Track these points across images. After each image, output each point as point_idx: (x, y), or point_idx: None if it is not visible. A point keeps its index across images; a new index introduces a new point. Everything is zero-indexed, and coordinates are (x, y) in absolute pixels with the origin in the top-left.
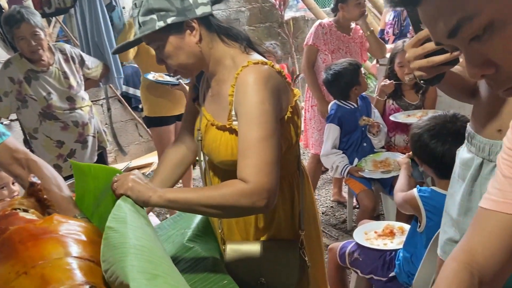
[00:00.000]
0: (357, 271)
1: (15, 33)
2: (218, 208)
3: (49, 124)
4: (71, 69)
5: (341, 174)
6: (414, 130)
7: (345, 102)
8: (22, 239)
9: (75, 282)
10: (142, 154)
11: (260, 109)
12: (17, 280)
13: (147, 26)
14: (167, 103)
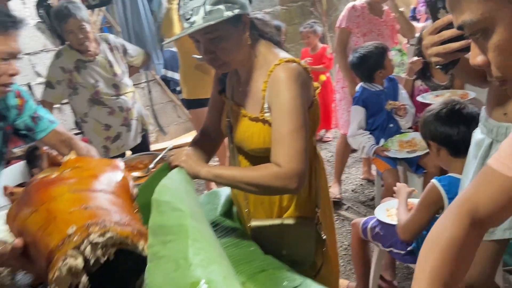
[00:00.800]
0: (378, 244)
1: (63, 27)
2: (255, 186)
3: (97, 109)
4: (115, 58)
5: (367, 154)
6: (425, 115)
7: (370, 85)
8: (36, 188)
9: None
10: (180, 134)
11: (293, 104)
12: (30, 218)
13: (214, 15)
14: (205, 85)
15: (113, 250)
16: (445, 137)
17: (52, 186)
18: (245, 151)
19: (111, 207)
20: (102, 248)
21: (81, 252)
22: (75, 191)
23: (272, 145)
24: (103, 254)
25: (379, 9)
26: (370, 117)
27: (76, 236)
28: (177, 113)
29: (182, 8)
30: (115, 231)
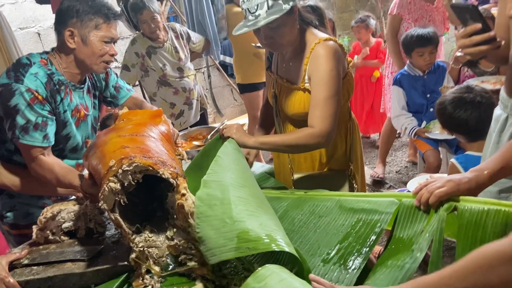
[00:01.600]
0: None
1: (138, 18)
2: (294, 147)
3: (164, 90)
4: (180, 44)
5: (409, 135)
6: (438, 105)
7: (412, 69)
8: (98, 136)
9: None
10: (236, 116)
11: (329, 75)
12: (92, 157)
13: (275, 9)
14: (256, 70)
15: (140, 176)
16: (461, 124)
17: (107, 134)
18: (288, 116)
19: (146, 146)
20: (132, 174)
21: (118, 178)
22: (120, 136)
23: (310, 108)
24: (133, 179)
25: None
26: (408, 100)
27: (114, 167)
28: (234, 96)
29: (247, 3)
30: (139, 161)
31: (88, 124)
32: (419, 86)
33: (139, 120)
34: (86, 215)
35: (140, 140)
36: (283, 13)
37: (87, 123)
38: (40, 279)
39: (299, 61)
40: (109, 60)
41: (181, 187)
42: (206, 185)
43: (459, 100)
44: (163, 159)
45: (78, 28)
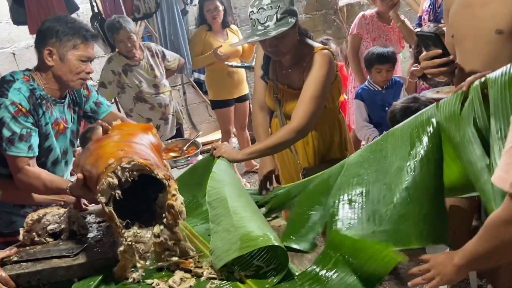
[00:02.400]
0: None
1: (115, 38)
2: (277, 146)
3: (140, 106)
4: (155, 62)
5: None
6: (389, 114)
7: (372, 84)
8: (92, 143)
9: (115, 150)
10: (211, 131)
11: (319, 79)
12: (87, 159)
13: (283, 22)
14: (228, 87)
15: (137, 174)
16: None
17: (101, 140)
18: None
19: (140, 152)
20: (129, 172)
21: (116, 174)
22: (116, 141)
23: (297, 103)
24: (130, 176)
25: (387, 17)
26: (369, 113)
27: (113, 164)
28: (209, 112)
29: (257, 14)
30: (137, 161)
31: (66, 137)
32: (378, 100)
33: (131, 131)
34: (70, 218)
35: (134, 146)
36: (290, 25)
37: (66, 136)
38: (29, 273)
39: (299, 68)
40: (85, 78)
41: (172, 188)
42: (212, 206)
43: (406, 109)
44: (157, 162)
45: (57, 47)
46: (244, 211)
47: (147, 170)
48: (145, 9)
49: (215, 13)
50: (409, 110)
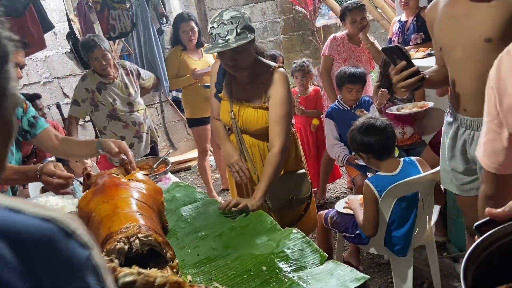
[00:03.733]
0: (336, 230)
1: (89, 56)
2: (276, 173)
3: (114, 123)
4: (130, 81)
5: (341, 162)
6: (350, 132)
7: (342, 104)
8: (110, 185)
9: (134, 211)
10: (190, 149)
11: (284, 97)
12: (103, 205)
13: (242, 36)
14: (204, 106)
15: (146, 249)
16: (368, 146)
17: (121, 187)
18: (249, 132)
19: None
20: (142, 245)
21: (129, 241)
22: (136, 199)
23: (270, 123)
24: (140, 249)
25: (357, 39)
26: (339, 131)
27: (130, 230)
28: (187, 131)
29: (217, 29)
30: (154, 237)
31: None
32: (348, 119)
33: (152, 192)
34: None
35: (152, 216)
36: (249, 40)
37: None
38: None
39: (258, 84)
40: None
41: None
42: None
43: (366, 126)
44: (166, 240)
45: None
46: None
47: (158, 247)
48: (121, 29)
49: (190, 34)
50: (369, 127)
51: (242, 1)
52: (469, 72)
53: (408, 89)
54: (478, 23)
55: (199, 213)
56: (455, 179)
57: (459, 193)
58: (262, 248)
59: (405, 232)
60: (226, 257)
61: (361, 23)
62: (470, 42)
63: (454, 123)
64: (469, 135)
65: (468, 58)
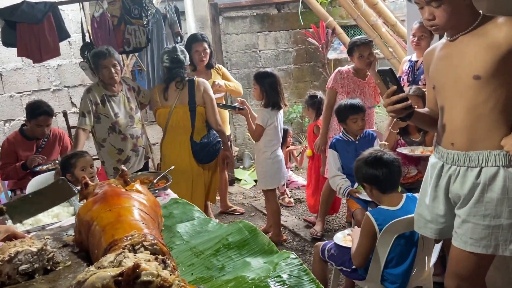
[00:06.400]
0: (332, 263)
1: (100, 63)
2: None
3: (114, 136)
4: (132, 96)
5: (342, 194)
6: (356, 162)
7: (346, 135)
8: (112, 194)
9: (137, 220)
10: None
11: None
12: (105, 213)
13: None
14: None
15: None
16: (373, 177)
17: (123, 196)
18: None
19: (154, 229)
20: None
21: (134, 249)
22: (138, 208)
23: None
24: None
25: (363, 73)
26: (342, 163)
27: (136, 237)
28: None
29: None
30: (160, 246)
31: None
32: (351, 150)
33: (153, 204)
34: (44, 256)
35: (152, 221)
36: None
37: None
38: None
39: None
40: None
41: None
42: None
43: (373, 157)
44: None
45: None
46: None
47: (160, 258)
48: (135, 44)
49: (202, 55)
50: (376, 159)
51: (256, 29)
52: (458, 106)
53: (397, 115)
54: (468, 62)
55: (196, 231)
56: (435, 222)
57: (437, 237)
58: (258, 270)
59: (403, 271)
60: (220, 278)
61: (368, 58)
62: (460, 79)
63: (439, 161)
64: (454, 171)
65: (457, 93)
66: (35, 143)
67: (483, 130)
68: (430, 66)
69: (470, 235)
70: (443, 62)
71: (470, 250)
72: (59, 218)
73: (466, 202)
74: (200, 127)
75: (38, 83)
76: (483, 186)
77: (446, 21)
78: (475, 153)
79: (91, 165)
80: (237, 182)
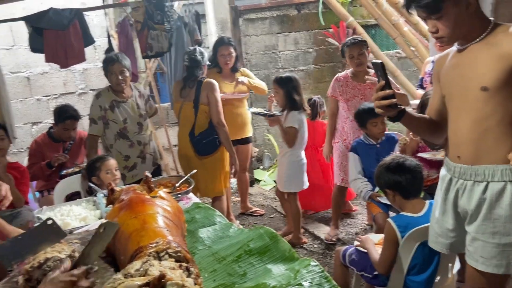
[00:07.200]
0: (353, 268)
1: (109, 69)
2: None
3: (121, 142)
4: (142, 102)
5: (363, 198)
6: (378, 169)
7: (367, 138)
8: (137, 201)
9: (162, 227)
10: None
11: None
12: (130, 220)
13: None
14: (231, 128)
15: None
16: (396, 184)
17: (148, 203)
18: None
19: (178, 236)
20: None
21: (159, 256)
22: (163, 215)
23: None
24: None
25: (361, 76)
26: (363, 166)
27: (160, 245)
28: None
29: None
30: (183, 253)
31: None
32: (372, 154)
33: (175, 209)
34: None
35: (175, 228)
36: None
37: None
38: None
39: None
40: None
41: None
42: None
43: (396, 163)
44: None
45: None
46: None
47: (185, 263)
48: (158, 48)
49: (227, 59)
50: (398, 164)
51: (276, 30)
52: (465, 118)
53: (384, 112)
54: (477, 72)
55: (217, 237)
56: (445, 236)
57: (447, 252)
58: (280, 278)
59: (425, 278)
60: (242, 284)
61: (358, 58)
62: (468, 90)
63: (448, 174)
64: (461, 185)
65: (465, 105)
66: (62, 145)
67: (489, 144)
68: (440, 72)
69: (481, 254)
70: (452, 72)
71: (481, 269)
72: (86, 222)
73: (475, 218)
74: (202, 123)
75: (64, 87)
76: (490, 202)
77: (450, 32)
78: (481, 167)
79: (115, 168)
80: (256, 183)
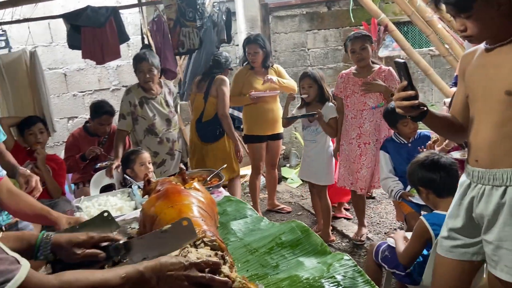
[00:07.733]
0: (385, 265)
1: (137, 67)
2: None
3: (150, 138)
4: (170, 99)
5: (394, 197)
6: (411, 166)
7: (398, 137)
8: (173, 191)
9: (197, 216)
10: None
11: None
12: (167, 210)
13: None
14: (262, 124)
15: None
16: (430, 181)
17: (183, 194)
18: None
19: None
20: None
21: (195, 244)
22: (197, 206)
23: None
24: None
25: (364, 72)
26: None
27: (198, 234)
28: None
29: None
30: (217, 242)
31: None
32: (403, 153)
33: (208, 201)
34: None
35: (209, 218)
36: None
37: None
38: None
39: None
40: None
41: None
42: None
43: (430, 161)
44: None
45: None
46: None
47: (219, 254)
48: (189, 45)
49: (253, 57)
50: (433, 162)
51: (305, 27)
52: (486, 121)
53: (405, 112)
54: (503, 76)
55: (249, 229)
56: (450, 238)
57: (446, 255)
58: (312, 270)
59: None
60: (275, 276)
61: (360, 53)
62: (492, 93)
63: (466, 180)
64: (478, 190)
65: (486, 107)
66: (97, 139)
67: (508, 148)
68: (466, 69)
69: (505, 263)
70: (477, 72)
71: (506, 279)
72: (122, 212)
73: (492, 224)
74: (210, 113)
75: (99, 83)
76: (509, 207)
77: (479, 32)
78: (499, 171)
79: (149, 161)
80: (284, 181)
